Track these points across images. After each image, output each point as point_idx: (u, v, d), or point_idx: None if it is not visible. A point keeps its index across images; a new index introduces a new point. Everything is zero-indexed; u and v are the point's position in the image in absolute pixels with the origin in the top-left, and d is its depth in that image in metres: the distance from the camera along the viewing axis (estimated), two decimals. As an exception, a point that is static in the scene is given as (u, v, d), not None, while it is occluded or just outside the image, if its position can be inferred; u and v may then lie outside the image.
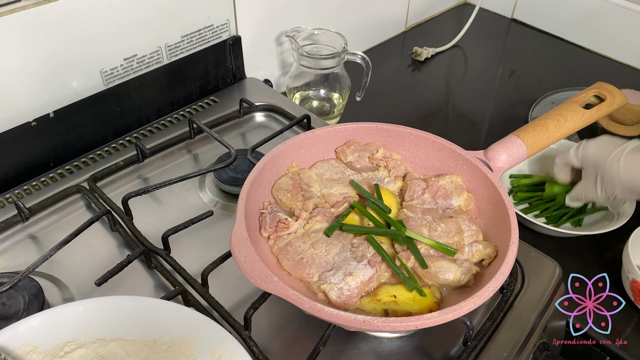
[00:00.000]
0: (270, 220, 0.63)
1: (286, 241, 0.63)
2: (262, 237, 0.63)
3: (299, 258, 0.60)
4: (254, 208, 0.65)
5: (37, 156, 0.79)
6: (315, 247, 0.62)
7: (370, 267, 0.59)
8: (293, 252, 0.61)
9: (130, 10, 0.80)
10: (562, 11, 1.36)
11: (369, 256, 0.60)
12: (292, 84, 1.03)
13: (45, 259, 0.62)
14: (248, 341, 0.57)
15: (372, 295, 0.58)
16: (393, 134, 0.72)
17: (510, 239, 0.57)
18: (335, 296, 0.57)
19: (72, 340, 0.53)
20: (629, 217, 0.81)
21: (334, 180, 0.70)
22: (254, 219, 0.64)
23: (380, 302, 0.57)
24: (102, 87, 0.83)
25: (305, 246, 0.62)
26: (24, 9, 0.69)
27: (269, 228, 0.63)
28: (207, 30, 0.92)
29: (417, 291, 0.58)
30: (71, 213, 0.75)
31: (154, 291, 0.66)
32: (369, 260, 0.59)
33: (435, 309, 0.56)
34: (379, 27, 1.32)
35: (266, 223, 0.63)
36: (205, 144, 0.88)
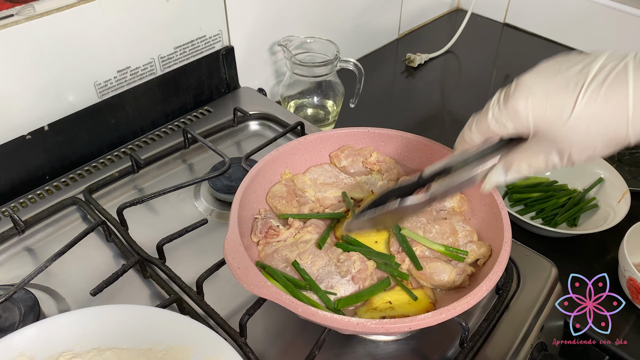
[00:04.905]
0: (262, 226, 0.63)
1: (274, 248, 0.63)
2: (252, 242, 0.63)
3: (283, 266, 0.61)
4: (248, 215, 0.65)
5: (33, 169, 0.80)
6: (301, 258, 0.62)
7: (354, 284, 0.59)
8: (278, 259, 0.61)
9: (122, 23, 0.81)
10: (553, 14, 1.37)
11: (353, 272, 0.60)
12: (286, 92, 1.04)
13: (41, 270, 0.62)
14: (244, 348, 0.57)
15: (368, 304, 0.58)
16: (385, 138, 0.73)
17: (503, 239, 0.57)
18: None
19: (68, 350, 0.53)
20: (624, 215, 0.81)
21: (328, 184, 0.70)
22: (248, 226, 0.65)
23: (377, 310, 0.57)
24: (96, 100, 0.83)
25: (292, 255, 0.62)
26: (17, 23, 0.70)
27: (259, 233, 0.63)
28: (200, 41, 0.93)
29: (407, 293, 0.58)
30: (67, 225, 0.75)
31: (149, 300, 0.66)
32: (353, 276, 0.59)
33: (431, 310, 0.56)
34: (371, 35, 1.33)
35: (257, 228, 0.63)
36: (200, 153, 0.88)
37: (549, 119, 0.45)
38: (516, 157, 0.50)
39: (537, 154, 0.48)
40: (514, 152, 0.51)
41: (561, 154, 0.47)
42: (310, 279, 0.59)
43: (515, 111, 0.47)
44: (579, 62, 0.45)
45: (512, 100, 0.47)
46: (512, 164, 0.51)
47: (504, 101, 0.48)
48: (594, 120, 0.44)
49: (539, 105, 0.46)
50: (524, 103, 0.46)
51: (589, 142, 0.45)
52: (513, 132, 0.49)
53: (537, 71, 0.47)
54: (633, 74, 0.42)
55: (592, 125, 0.44)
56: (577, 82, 0.44)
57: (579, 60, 0.46)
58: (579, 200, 0.89)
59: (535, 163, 0.49)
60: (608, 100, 0.43)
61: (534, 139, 0.48)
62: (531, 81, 0.46)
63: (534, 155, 0.49)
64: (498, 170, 0.52)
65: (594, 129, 0.44)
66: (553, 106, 0.45)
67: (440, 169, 0.56)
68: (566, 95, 0.44)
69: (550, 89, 0.45)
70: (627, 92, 0.42)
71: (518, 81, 0.47)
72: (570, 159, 0.47)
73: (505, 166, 0.52)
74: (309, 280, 0.59)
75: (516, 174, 0.51)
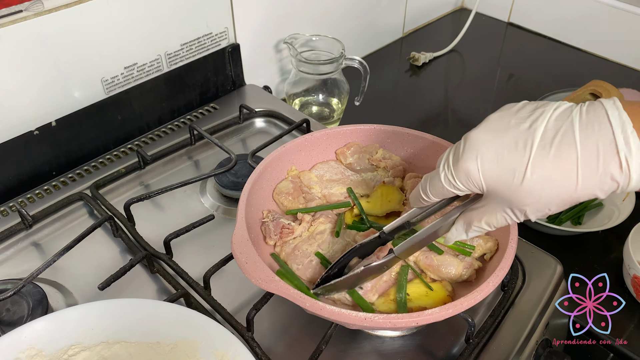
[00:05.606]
0: (274, 228, 0.64)
1: (293, 245, 0.63)
2: (265, 244, 0.64)
3: (308, 261, 0.61)
4: (255, 211, 0.65)
5: (40, 165, 0.80)
6: (322, 248, 0.63)
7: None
8: (301, 255, 0.62)
9: (129, 19, 0.81)
10: (557, 14, 1.37)
11: (376, 251, 0.60)
12: (292, 90, 1.04)
13: (49, 265, 0.62)
14: (251, 342, 0.57)
15: (385, 295, 0.59)
16: (391, 135, 0.73)
17: (509, 235, 0.57)
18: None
19: (76, 343, 0.53)
20: (629, 213, 0.81)
21: (334, 180, 0.70)
22: (255, 222, 0.65)
23: (394, 301, 0.58)
24: (103, 96, 0.84)
25: (312, 248, 0.63)
26: (25, 19, 0.70)
27: (274, 235, 0.63)
28: (206, 39, 0.93)
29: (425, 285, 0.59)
30: (74, 220, 0.76)
31: (156, 295, 0.66)
32: (377, 255, 0.60)
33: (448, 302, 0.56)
34: (376, 34, 1.33)
35: (270, 231, 0.63)
36: (206, 150, 0.88)
37: (501, 181, 0.45)
38: (475, 217, 0.51)
39: (494, 213, 0.49)
40: (472, 211, 0.51)
41: (517, 213, 0.47)
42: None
43: (467, 173, 0.46)
44: (527, 118, 0.45)
45: (462, 161, 0.46)
46: (471, 222, 0.51)
47: (453, 162, 0.47)
48: (546, 184, 0.43)
49: (490, 167, 0.45)
50: (475, 165, 0.46)
51: (543, 204, 0.45)
52: (467, 192, 0.49)
53: (486, 127, 0.46)
54: (579, 134, 0.42)
55: (545, 189, 0.43)
56: (525, 141, 0.43)
57: (527, 114, 0.45)
58: (584, 198, 0.89)
59: (494, 222, 0.49)
60: (557, 163, 0.42)
61: (488, 198, 0.48)
62: (480, 140, 0.46)
63: (491, 214, 0.49)
64: (459, 227, 0.53)
65: (547, 192, 0.44)
66: (504, 169, 0.44)
67: (400, 224, 0.58)
68: (517, 157, 0.44)
69: (500, 149, 0.44)
70: (575, 154, 0.42)
71: (467, 139, 0.47)
72: (526, 216, 0.47)
73: (465, 224, 0.52)
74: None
75: (477, 232, 0.52)
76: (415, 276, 0.61)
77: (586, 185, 0.42)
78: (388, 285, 0.60)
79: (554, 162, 0.42)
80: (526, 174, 0.43)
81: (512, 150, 0.44)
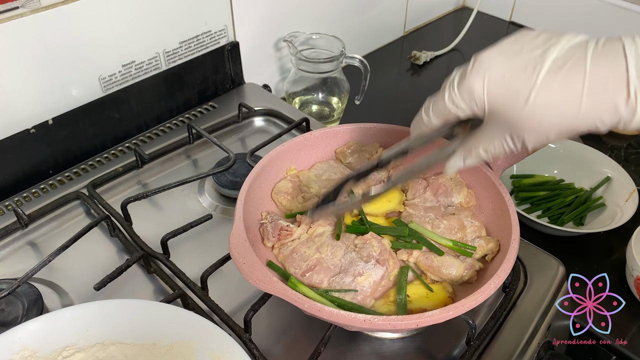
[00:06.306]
0: (272, 229, 0.63)
1: (291, 248, 0.62)
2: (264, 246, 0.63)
3: (306, 265, 0.60)
4: (254, 211, 0.64)
5: (36, 163, 0.79)
6: (321, 251, 0.61)
7: (380, 266, 0.59)
8: (299, 259, 0.61)
9: (127, 17, 0.80)
10: (559, 12, 1.37)
11: (375, 255, 0.59)
12: (291, 89, 1.03)
13: (44, 265, 0.62)
14: (248, 344, 0.57)
15: (385, 297, 0.58)
16: (392, 134, 0.72)
17: (511, 236, 0.56)
18: (349, 298, 0.57)
19: (71, 344, 0.52)
20: (632, 214, 0.81)
21: (333, 179, 0.69)
22: (254, 222, 0.64)
23: (394, 302, 0.57)
24: (100, 94, 0.83)
25: (311, 251, 0.62)
26: (22, 16, 0.70)
27: (272, 237, 0.62)
28: (205, 36, 0.92)
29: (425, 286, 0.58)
30: (70, 220, 0.75)
31: (153, 295, 0.65)
32: (377, 259, 0.59)
33: (449, 303, 0.55)
34: (377, 32, 1.32)
35: (268, 232, 0.63)
36: (205, 149, 0.88)
37: (504, 102, 0.44)
38: (473, 143, 0.50)
39: (492, 139, 0.48)
40: (471, 138, 0.50)
41: (514, 139, 0.46)
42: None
43: (471, 90, 0.45)
44: (541, 45, 0.43)
45: (469, 79, 0.45)
46: (470, 150, 0.51)
47: (460, 80, 0.46)
48: (548, 109, 0.43)
49: (495, 87, 0.44)
50: (480, 83, 0.45)
51: (542, 130, 0.44)
52: (469, 113, 0.48)
53: (498, 49, 0.45)
54: (591, 62, 0.41)
55: (546, 115, 0.43)
56: (535, 67, 0.43)
57: (542, 42, 0.44)
58: (586, 199, 0.88)
59: (492, 148, 0.49)
60: (563, 89, 0.42)
61: (489, 122, 0.47)
62: (490, 60, 0.45)
63: (490, 140, 0.48)
64: (457, 155, 0.52)
65: (547, 118, 0.43)
66: (509, 90, 0.44)
67: (398, 152, 0.57)
68: (523, 81, 0.43)
69: (508, 71, 0.44)
70: (582, 81, 0.41)
71: (477, 59, 0.46)
72: (523, 145, 0.46)
73: (464, 152, 0.51)
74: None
75: (475, 160, 0.51)
76: (416, 277, 0.60)
77: (588, 114, 0.42)
78: (388, 287, 0.59)
79: (560, 87, 0.42)
80: (530, 97, 0.43)
81: (520, 74, 0.43)
